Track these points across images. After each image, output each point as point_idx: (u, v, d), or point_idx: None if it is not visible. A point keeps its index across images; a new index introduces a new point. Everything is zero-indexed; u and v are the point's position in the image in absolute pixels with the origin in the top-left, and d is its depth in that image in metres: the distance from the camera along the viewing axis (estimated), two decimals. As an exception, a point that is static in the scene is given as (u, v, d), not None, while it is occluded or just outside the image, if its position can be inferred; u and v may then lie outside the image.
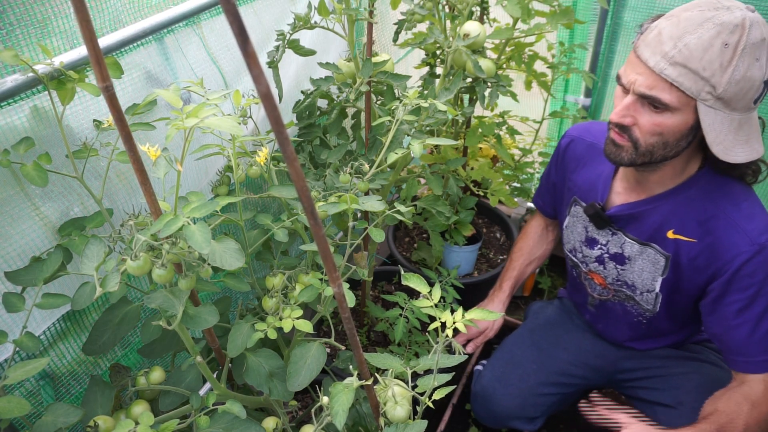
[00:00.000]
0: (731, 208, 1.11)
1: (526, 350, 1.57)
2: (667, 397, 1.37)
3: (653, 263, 1.23)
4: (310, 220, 0.59)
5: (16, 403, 0.78)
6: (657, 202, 1.19)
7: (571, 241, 1.42)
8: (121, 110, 0.67)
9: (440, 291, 0.96)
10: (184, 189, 1.24)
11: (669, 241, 1.19)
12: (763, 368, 1.13)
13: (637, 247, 1.25)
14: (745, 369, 1.15)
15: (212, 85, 1.30)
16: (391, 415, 0.92)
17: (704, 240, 1.14)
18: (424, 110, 1.22)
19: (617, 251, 1.29)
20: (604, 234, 1.31)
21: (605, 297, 1.41)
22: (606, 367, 1.51)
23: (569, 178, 1.40)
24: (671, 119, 1.00)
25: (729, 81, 0.93)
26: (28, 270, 0.95)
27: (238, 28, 0.43)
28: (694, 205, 1.14)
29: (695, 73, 0.94)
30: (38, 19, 0.92)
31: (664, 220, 1.18)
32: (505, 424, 1.53)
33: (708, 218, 1.13)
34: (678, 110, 0.99)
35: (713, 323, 1.19)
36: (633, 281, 1.29)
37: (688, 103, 0.97)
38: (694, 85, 0.95)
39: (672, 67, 0.95)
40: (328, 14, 1.23)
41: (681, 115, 0.99)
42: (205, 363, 0.97)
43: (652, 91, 0.98)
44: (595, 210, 1.27)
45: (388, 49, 2.07)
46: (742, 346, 1.14)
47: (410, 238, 2.16)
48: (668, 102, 0.98)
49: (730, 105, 0.96)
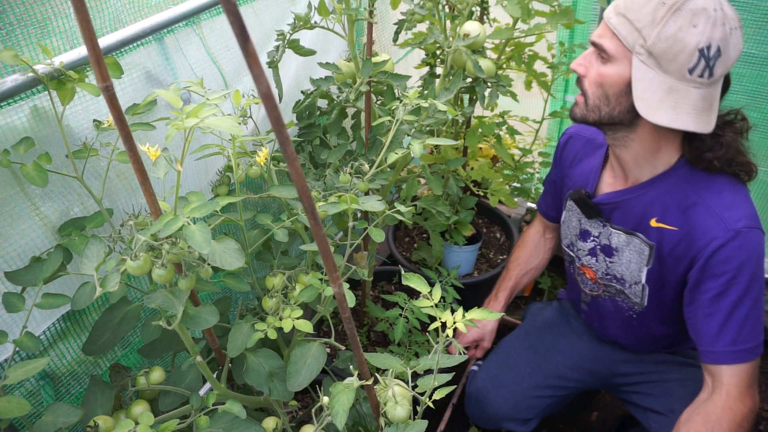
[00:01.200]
0: (712, 196, 1.11)
1: (521, 352, 1.57)
2: (659, 404, 1.37)
3: (639, 253, 1.23)
4: (311, 220, 0.59)
5: (16, 403, 0.78)
6: (640, 191, 1.19)
7: (568, 236, 1.43)
8: (121, 110, 0.67)
9: (440, 291, 0.96)
10: (184, 189, 1.24)
11: (653, 230, 1.19)
12: (731, 359, 1.11)
13: (624, 237, 1.25)
14: (714, 360, 1.12)
15: (212, 85, 1.30)
16: (391, 415, 0.92)
17: (684, 227, 1.14)
18: (424, 110, 1.22)
19: (606, 243, 1.30)
20: (595, 226, 1.32)
21: (596, 293, 1.41)
22: (602, 370, 1.51)
23: (566, 173, 1.42)
24: (611, 69, 1.06)
25: (658, 35, 0.97)
26: (28, 270, 0.95)
27: (239, 28, 0.43)
28: (676, 192, 1.15)
29: (631, 23, 1.00)
30: (38, 19, 0.92)
31: (647, 208, 1.19)
32: (498, 425, 1.53)
33: (689, 206, 1.13)
34: (617, 60, 1.04)
35: (691, 314, 1.17)
36: (621, 274, 1.29)
37: (626, 55, 1.03)
38: (629, 35, 1.01)
39: (616, 16, 1.03)
40: (328, 14, 1.23)
41: (619, 66, 1.05)
42: (205, 363, 0.96)
43: (600, 39, 1.06)
44: (581, 195, 1.29)
45: (388, 49, 2.06)
46: (714, 337, 1.11)
47: (410, 238, 2.16)
48: (609, 49, 1.05)
49: (661, 65, 0.99)
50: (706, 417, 1.12)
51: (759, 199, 1.90)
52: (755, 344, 1.11)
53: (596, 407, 1.96)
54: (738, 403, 1.11)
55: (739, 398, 1.11)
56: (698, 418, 1.13)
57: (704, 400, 1.15)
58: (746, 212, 1.09)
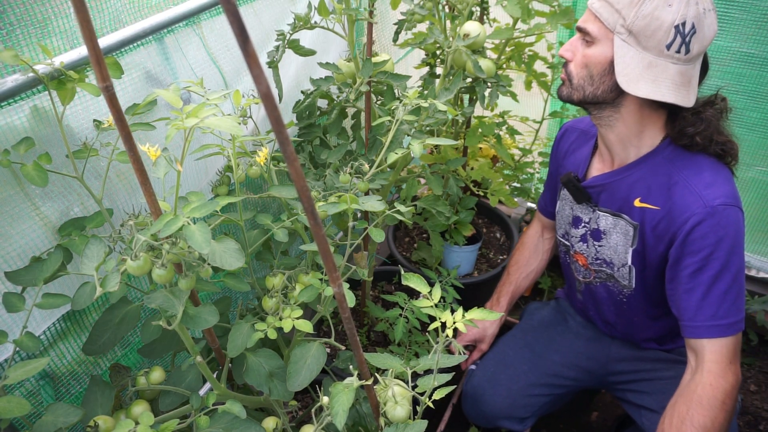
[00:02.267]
0: (692, 175, 1.14)
1: (518, 351, 1.57)
2: (653, 401, 1.37)
3: (624, 235, 1.26)
4: (310, 220, 0.59)
5: (16, 403, 0.78)
6: (626, 172, 1.23)
7: (563, 226, 1.45)
8: (121, 110, 0.67)
9: (440, 291, 0.96)
10: (184, 189, 1.24)
11: (636, 210, 1.22)
12: (712, 333, 1.12)
13: (611, 219, 1.28)
14: (695, 334, 1.14)
15: (212, 85, 1.30)
16: (391, 415, 0.92)
17: (665, 207, 1.17)
18: (424, 110, 1.22)
19: (595, 227, 1.33)
20: (585, 211, 1.35)
21: (588, 279, 1.43)
22: (598, 369, 1.52)
23: (561, 164, 1.45)
24: (595, 50, 1.11)
25: (636, 15, 1.02)
26: (28, 270, 0.95)
27: (239, 28, 0.43)
28: (659, 172, 1.18)
29: (611, 5, 1.06)
30: (38, 19, 0.92)
31: (631, 189, 1.22)
32: (494, 424, 1.54)
33: (671, 185, 1.16)
34: (600, 41, 1.10)
35: (672, 290, 1.19)
36: (610, 257, 1.32)
37: (608, 36, 1.08)
38: (610, 16, 1.06)
39: (598, 1, 1.09)
40: (328, 14, 1.23)
41: (602, 47, 1.10)
42: (205, 363, 0.96)
43: (585, 24, 1.12)
44: (570, 179, 1.33)
45: (388, 49, 2.06)
46: (694, 311, 1.14)
47: (410, 238, 2.16)
48: (592, 32, 1.10)
49: (640, 42, 1.04)
50: (688, 397, 1.13)
51: (759, 199, 1.90)
52: (735, 320, 1.13)
53: (596, 407, 1.96)
54: (719, 380, 1.12)
55: (721, 374, 1.12)
56: (681, 399, 1.15)
57: (687, 381, 1.16)
58: (725, 191, 1.11)
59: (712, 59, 1.14)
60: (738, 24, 1.61)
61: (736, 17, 1.60)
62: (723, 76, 1.70)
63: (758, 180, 1.85)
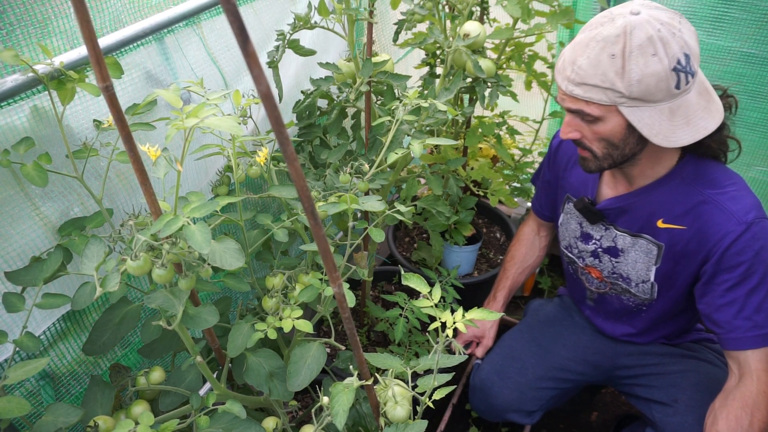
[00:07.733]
0: (716, 193, 1.14)
1: (525, 345, 1.57)
2: (663, 394, 1.38)
3: (646, 253, 1.26)
4: (310, 220, 0.59)
5: (16, 403, 0.78)
6: (644, 194, 1.22)
7: (567, 238, 1.44)
8: (121, 110, 0.67)
9: (440, 291, 0.96)
10: (184, 189, 1.24)
11: (660, 231, 1.21)
12: (755, 343, 1.13)
13: (629, 239, 1.28)
14: (737, 346, 1.15)
15: (212, 85, 1.30)
16: (391, 415, 0.92)
17: (694, 226, 1.16)
18: (424, 110, 1.22)
19: (610, 245, 1.32)
20: (597, 229, 1.34)
21: (603, 290, 1.42)
22: (604, 363, 1.52)
23: (562, 176, 1.43)
24: (605, 126, 1.06)
25: (630, 83, 0.98)
26: (28, 270, 0.95)
27: (239, 28, 0.43)
28: (680, 193, 1.17)
29: (596, 87, 1.01)
30: (38, 19, 0.92)
31: (652, 210, 1.21)
32: (502, 417, 1.54)
33: (695, 205, 1.16)
34: (606, 117, 1.05)
35: (706, 305, 1.20)
36: (627, 273, 1.32)
37: (611, 110, 1.03)
38: (603, 95, 1.01)
39: (577, 87, 1.03)
40: (328, 14, 1.24)
41: (611, 121, 1.05)
42: (205, 363, 0.96)
43: (577, 106, 1.06)
44: (585, 204, 1.31)
45: (388, 49, 2.07)
46: (733, 323, 1.14)
47: (410, 238, 2.16)
48: (591, 113, 1.05)
49: (647, 100, 0.99)
50: (744, 401, 1.13)
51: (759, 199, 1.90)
52: None
53: (596, 407, 1.96)
54: None
55: None
56: (735, 403, 1.15)
57: (735, 385, 1.16)
58: (751, 203, 1.13)
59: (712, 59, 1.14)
60: (738, 24, 1.60)
61: (736, 17, 1.60)
62: (723, 76, 1.69)
63: (758, 180, 1.85)
